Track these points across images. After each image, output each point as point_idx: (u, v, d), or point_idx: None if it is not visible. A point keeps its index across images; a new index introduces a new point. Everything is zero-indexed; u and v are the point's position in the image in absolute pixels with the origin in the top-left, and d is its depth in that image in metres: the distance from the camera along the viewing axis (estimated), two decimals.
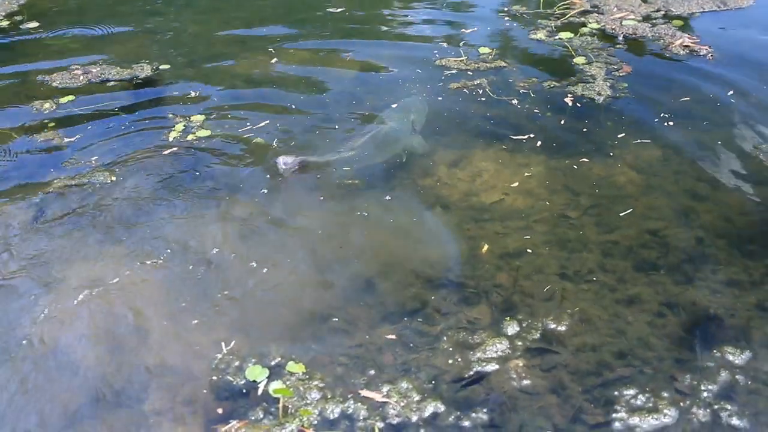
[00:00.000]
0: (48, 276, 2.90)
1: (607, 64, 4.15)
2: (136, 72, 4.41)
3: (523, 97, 3.93)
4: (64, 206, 3.29)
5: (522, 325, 2.58)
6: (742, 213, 3.07)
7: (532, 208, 3.19)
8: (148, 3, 5.56)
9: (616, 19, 4.62)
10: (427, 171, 3.44)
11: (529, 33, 4.61)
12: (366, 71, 4.34)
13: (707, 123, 3.62)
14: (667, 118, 3.67)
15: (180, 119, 3.92)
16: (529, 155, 3.51)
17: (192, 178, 3.47)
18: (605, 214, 3.11)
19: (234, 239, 3.08)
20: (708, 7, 4.71)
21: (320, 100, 4.06)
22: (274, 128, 3.81)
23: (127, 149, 3.69)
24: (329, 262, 2.93)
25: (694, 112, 3.70)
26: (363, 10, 5.25)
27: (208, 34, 4.93)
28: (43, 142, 3.77)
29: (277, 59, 4.52)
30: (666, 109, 3.74)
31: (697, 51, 4.18)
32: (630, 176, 3.33)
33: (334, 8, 5.27)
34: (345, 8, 5.27)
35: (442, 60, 4.32)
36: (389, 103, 3.94)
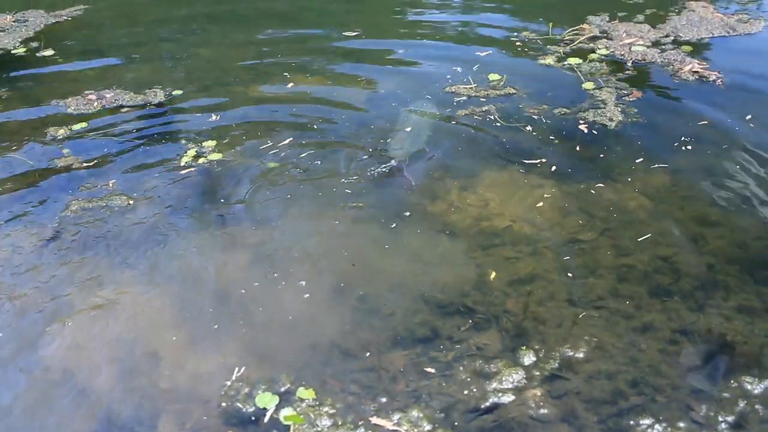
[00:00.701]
0: (59, 300, 2.92)
1: (617, 90, 4.17)
2: (149, 98, 4.47)
3: (533, 122, 3.95)
4: (78, 230, 3.32)
5: (533, 352, 2.57)
6: (754, 239, 3.05)
7: (543, 233, 3.18)
8: (162, 30, 5.64)
9: (625, 45, 4.65)
10: (438, 196, 3.44)
11: (538, 59, 4.64)
12: (378, 96, 4.37)
13: (717, 148, 3.62)
14: (677, 143, 3.68)
15: (192, 144, 3.96)
16: (540, 180, 3.51)
17: (204, 202, 3.50)
18: (617, 240, 3.10)
19: (245, 264, 3.09)
20: (717, 33, 4.73)
21: (332, 125, 4.09)
22: (286, 152, 3.84)
23: (140, 174, 3.73)
24: (340, 287, 2.93)
25: (704, 138, 3.70)
26: (376, 36, 5.30)
27: (220, 61, 4.99)
28: (59, 166, 3.81)
29: (292, 83, 4.57)
30: (676, 135, 3.74)
31: (706, 77, 4.19)
32: (641, 201, 3.32)
33: (350, 32, 5.33)
34: (360, 32, 5.32)
35: (452, 87, 4.35)
36: (399, 128, 3.97)
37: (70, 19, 5.88)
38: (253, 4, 6.07)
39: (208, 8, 6.11)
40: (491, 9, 5.59)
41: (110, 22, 5.87)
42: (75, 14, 5.97)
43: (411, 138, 3.91)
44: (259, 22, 5.65)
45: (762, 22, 4.81)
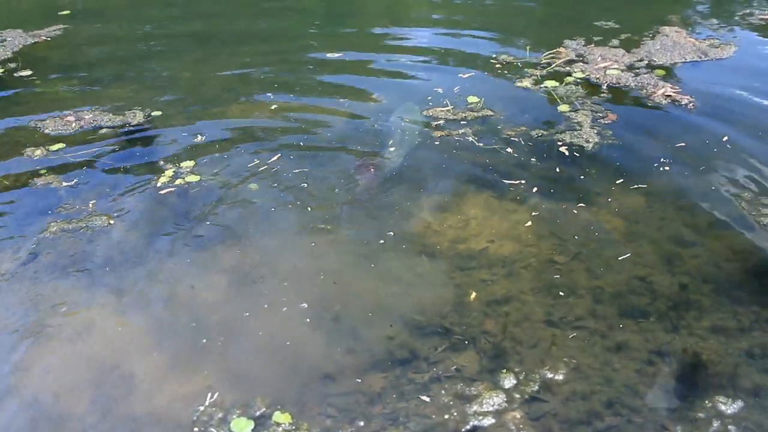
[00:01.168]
0: (33, 323, 2.88)
1: (592, 112, 4.23)
2: (128, 118, 4.46)
3: (510, 144, 3.99)
4: (54, 251, 3.28)
5: (511, 374, 2.58)
6: (727, 259, 3.10)
7: (520, 254, 3.21)
8: (141, 51, 5.64)
9: (600, 69, 4.73)
10: (416, 217, 3.46)
11: (515, 82, 4.70)
12: (357, 118, 4.40)
13: (690, 170, 3.69)
14: (652, 165, 3.74)
15: (170, 164, 3.95)
16: (517, 202, 3.55)
17: (183, 224, 3.48)
18: (593, 260, 3.13)
19: (222, 286, 3.07)
20: (690, 58, 4.83)
21: (312, 148, 4.10)
22: (265, 173, 3.84)
23: (118, 194, 3.70)
24: (318, 309, 2.93)
25: (678, 160, 3.77)
26: (358, 58, 5.33)
27: (201, 82, 5.00)
28: (37, 187, 3.78)
29: (273, 105, 4.59)
30: (651, 157, 3.80)
31: (678, 100, 4.28)
32: (616, 222, 3.37)
33: (332, 53, 5.37)
34: (342, 54, 5.36)
35: (430, 110, 4.39)
36: (378, 148, 4.00)
37: (49, 39, 5.87)
38: (233, 25, 6.10)
39: (189, 29, 6.13)
40: (471, 33, 5.66)
41: (89, 43, 5.86)
42: (54, 34, 5.96)
43: (405, 139, 4.03)
44: (240, 44, 5.67)
45: (733, 48, 4.92)
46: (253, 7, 6.63)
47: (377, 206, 3.56)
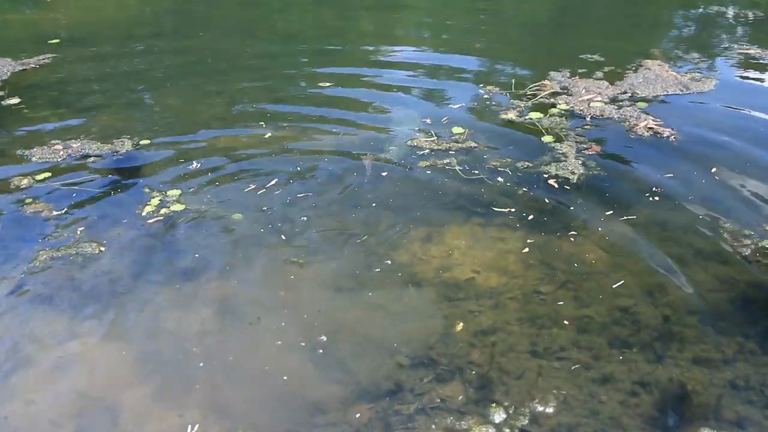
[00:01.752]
0: (17, 353, 2.86)
1: (577, 143, 4.29)
2: (116, 147, 4.47)
3: (496, 174, 4.04)
4: (39, 281, 3.27)
5: (497, 405, 2.58)
6: (709, 290, 3.14)
7: (506, 284, 3.23)
8: (130, 79, 5.67)
9: (584, 101, 4.81)
10: (403, 247, 3.48)
11: (500, 113, 4.77)
12: (344, 147, 4.44)
13: (673, 201, 3.74)
14: (635, 197, 3.79)
15: (157, 193, 3.95)
16: (502, 232, 3.58)
17: (168, 253, 3.48)
18: (577, 291, 3.16)
19: (207, 317, 3.07)
20: (672, 91, 4.92)
21: (298, 177, 4.12)
22: (251, 203, 3.86)
23: (104, 224, 3.70)
24: (304, 340, 2.93)
25: (660, 192, 3.82)
26: (347, 88, 5.39)
27: (189, 111, 5.03)
28: (24, 216, 3.77)
29: (261, 134, 4.62)
30: (634, 189, 3.86)
31: (660, 133, 4.35)
32: (600, 253, 3.40)
33: (323, 83, 5.43)
34: (333, 83, 5.42)
35: (413, 141, 4.44)
36: (363, 180, 4.04)
37: (37, 67, 5.89)
38: (221, 55, 6.15)
39: (177, 58, 6.18)
40: (458, 65, 5.75)
41: (78, 71, 5.88)
42: (43, 62, 5.99)
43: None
44: (229, 74, 5.72)
45: (713, 81, 5.03)
46: (242, 37, 6.69)
47: (364, 236, 3.58)
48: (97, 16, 7.43)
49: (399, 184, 4.00)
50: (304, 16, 7.52)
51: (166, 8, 7.75)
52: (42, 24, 7.12)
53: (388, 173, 4.11)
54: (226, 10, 7.71)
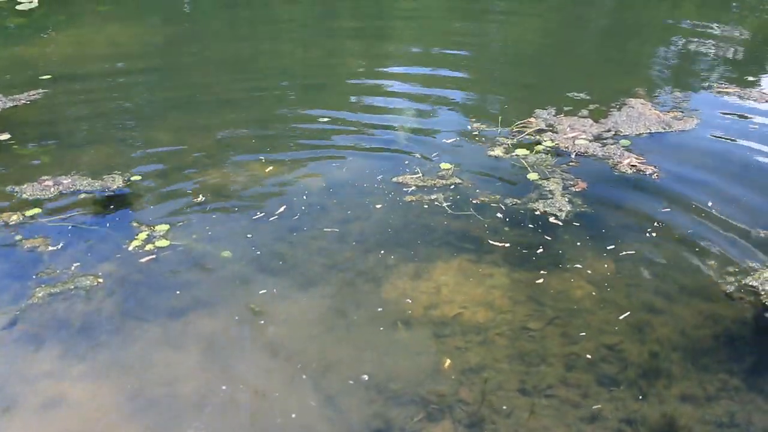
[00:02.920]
0: (3, 393, 2.84)
1: (563, 180, 4.36)
2: (107, 183, 4.49)
3: (483, 211, 4.09)
4: (26, 319, 3.26)
5: None
6: (695, 327, 3.18)
7: (494, 320, 3.26)
8: (121, 115, 5.71)
9: (569, 138, 4.90)
10: (390, 283, 3.51)
11: (487, 150, 4.84)
12: (333, 184, 4.48)
13: (657, 238, 3.81)
14: (621, 233, 3.85)
15: (146, 229, 3.97)
16: (490, 268, 3.62)
17: (157, 290, 3.49)
18: (565, 328, 3.20)
19: (196, 356, 3.07)
20: (654, 129, 5.03)
21: (288, 213, 4.15)
22: (240, 240, 3.88)
23: (93, 260, 3.71)
24: (293, 378, 2.93)
25: (645, 228, 3.89)
26: (336, 125, 5.45)
27: (179, 146, 5.06)
28: (14, 252, 3.77)
29: (252, 171, 4.66)
30: (619, 225, 3.92)
31: (643, 170, 4.44)
32: (587, 290, 3.45)
33: (314, 118, 5.49)
34: (322, 118, 5.48)
35: (399, 177, 4.49)
36: (351, 216, 4.07)
37: (28, 103, 5.92)
38: (211, 91, 6.21)
39: (168, 94, 6.23)
40: (445, 102, 5.83)
41: (70, 107, 5.92)
42: (34, 98, 6.02)
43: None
44: (218, 109, 5.77)
45: (695, 120, 5.14)
46: (232, 72, 6.77)
47: (352, 273, 3.60)
48: (89, 52, 7.49)
49: (387, 220, 4.04)
50: (294, 51, 7.63)
51: (157, 44, 7.83)
52: (33, 59, 7.17)
53: (376, 210, 4.15)
54: (216, 46, 7.80)
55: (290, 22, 8.85)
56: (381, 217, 4.09)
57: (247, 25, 8.71)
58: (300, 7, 9.59)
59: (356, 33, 8.26)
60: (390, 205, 4.20)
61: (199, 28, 8.62)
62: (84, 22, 8.85)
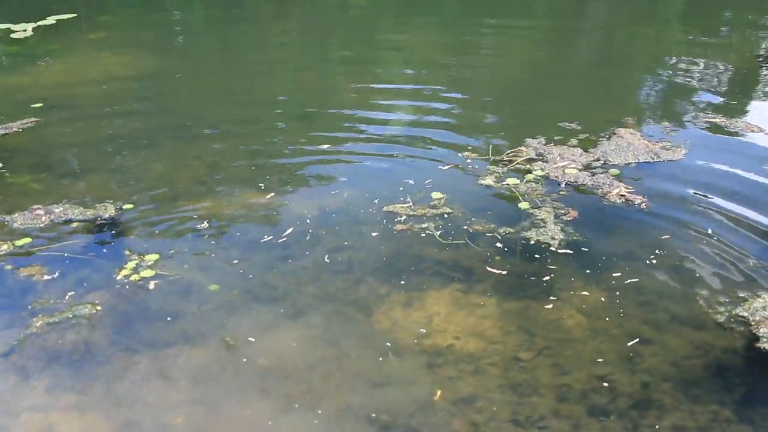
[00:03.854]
0: None
1: (554, 209, 4.39)
2: (99, 212, 4.48)
3: (474, 240, 4.11)
4: (13, 350, 3.23)
5: None
6: (686, 357, 3.19)
7: (485, 350, 3.26)
8: (113, 144, 5.73)
9: (559, 168, 4.94)
10: (382, 313, 3.51)
11: (478, 179, 4.88)
12: (324, 212, 4.49)
13: (648, 267, 3.83)
14: (611, 262, 3.87)
15: (137, 259, 3.97)
16: (481, 297, 3.63)
17: (147, 321, 3.48)
18: (556, 358, 3.20)
19: (186, 388, 3.05)
20: (643, 159, 5.08)
21: (279, 242, 4.16)
22: (229, 270, 3.88)
23: (83, 290, 3.70)
24: (283, 410, 2.91)
25: (635, 257, 3.92)
26: (326, 154, 5.49)
27: (171, 175, 5.08)
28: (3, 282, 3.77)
29: (244, 200, 4.67)
30: (610, 254, 3.94)
31: (632, 200, 4.48)
32: (578, 319, 3.45)
33: (305, 147, 5.53)
34: (313, 148, 5.52)
35: (391, 206, 4.51)
36: (343, 245, 4.08)
37: (20, 131, 5.93)
38: (203, 120, 6.24)
39: (160, 123, 6.26)
40: (435, 128, 5.88)
41: (61, 135, 5.93)
42: (26, 126, 6.03)
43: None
44: (210, 138, 5.79)
45: (683, 150, 5.20)
46: (223, 101, 6.81)
47: (343, 302, 3.60)
48: (81, 81, 7.53)
49: (379, 249, 4.05)
50: (284, 81, 7.69)
51: (149, 73, 7.88)
52: (26, 88, 7.20)
53: (368, 239, 4.16)
54: (208, 75, 7.86)
55: (283, 52, 8.93)
56: (372, 246, 4.10)
57: (239, 54, 8.78)
58: (292, 37, 9.68)
59: (348, 62, 8.35)
60: (382, 234, 4.21)
61: (191, 56, 8.69)
62: (77, 50, 8.91)
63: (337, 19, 10.41)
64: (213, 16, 11.00)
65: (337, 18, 10.49)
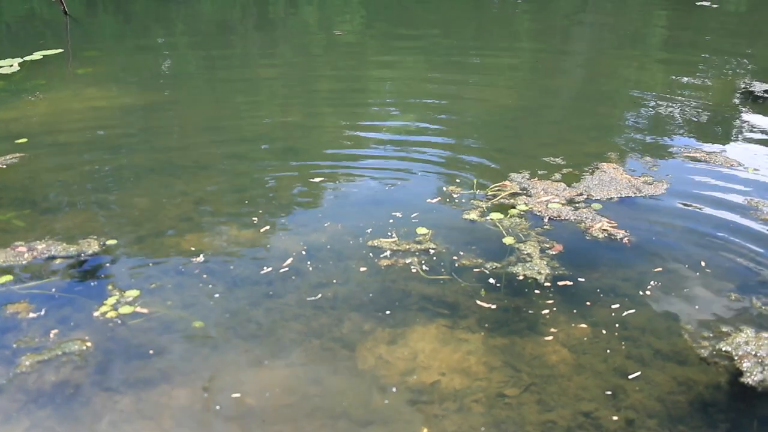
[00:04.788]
0: None
1: (539, 243, 4.42)
2: (83, 248, 4.46)
3: (459, 275, 4.12)
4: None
5: None
6: (670, 393, 3.20)
7: (470, 387, 3.25)
8: (98, 180, 5.72)
9: (542, 202, 4.98)
10: (367, 350, 3.49)
11: (462, 213, 4.91)
12: (308, 249, 4.49)
13: (632, 302, 3.85)
14: (594, 297, 3.89)
15: (119, 295, 3.94)
16: (467, 333, 3.62)
17: (128, 359, 3.44)
18: (541, 394, 3.19)
19: (168, 428, 3.01)
20: (625, 193, 5.14)
21: (265, 279, 4.15)
22: (213, 307, 3.86)
23: (64, 328, 3.65)
24: None
25: (619, 292, 3.94)
26: (312, 189, 5.51)
27: (156, 211, 5.07)
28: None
29: (228, 236, 4.66)
30: (594, 289, 3.96)
31: (614, 235, 4.52)
32: (563, 355, 3.46)
33: (291, 183, 5.54)
34: (299, 184, 5.53)
35: (376, 241, 4.52)
36: (328, 281, 4.08)
37: (4, 167, 5.91)
38: (189, 155, 6.25)
39: (145, 158, 6.25)
40: (419, 163, 5.93)
41: (45, 171, 5.91)
42: (9, 163, 6.01)
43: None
44: (196, 173, 5.80)
45: (665, 185, 5.27)
46: (210, 136, 6.83)
47: (328, 339, 3.59)
48: (67, 115, 7.54)
49: (364, 285, 4.05)
50: (272, 116, 7.73)
51: (135, 107, 7.91)
52: (11, 123, 7.19)
53: (353, 275, 4.16)
54: (194, 110, 7.89)
55: (270, 86, 9.00)
56: (358, 282, 4.09)
57: (227, 89, 8.84)
58: (279, 71, 9.77)
59: (334, 97, 8.43)
60: (367, 270, 4.21)
61: (177, 91, 8.73)
62: (63, 85, 8.93)
63: (324, 54, 10.53)
64: (200, 53, 11.10)
65: (325, 53, 10.62)
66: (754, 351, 3.43)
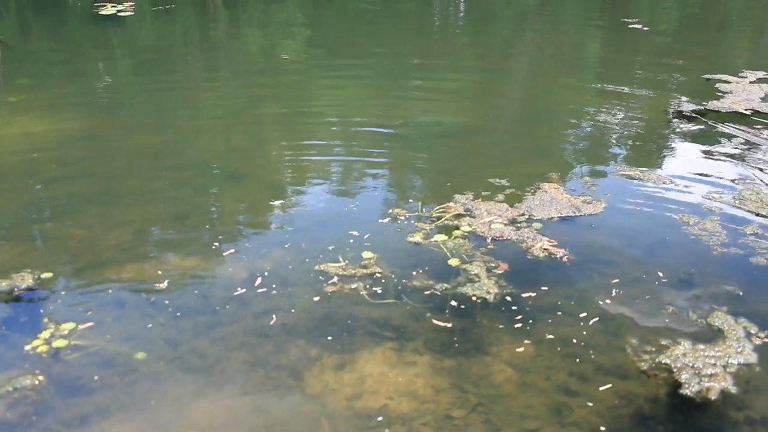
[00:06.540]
0: None
1: (485, 263, 4.47)
2: (15, 282, 4.30)
3: (405, 298, 4.14)
4: None
5: None
6: (611, 407, 3.26)
7: (418, 410, 3.25)
8: (32, 210, 5.55)
9: (485, 223, 5.06)
10: (313, 376, 3.46)
11: (407, 236, 4.94)
12: (254, 276, 4.44)
13: (573, 319, 3.93)
14: (538, 315, 3.96)
15: (54, 329, 3.82)
16: (413, 356, 3.64)
17: (64, 397, 3.33)
18: (488, 414, 3.22)
19: None
20: (565, 213, 5.27)
21: (208, 308, 4.08)
22: (156, 339, 3.77)
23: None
24: None
25: (560, 309, 4.02)
26: (257, 216, 5.46)
27: (94, 242, 4.94)
28: None
29: (168, 267, 4.57)
30: (536, 307, 4.04)
31: (554, 254, 4.62)
32: (508, 374, 3.50)
33: (234, 210, 5.48)
34: (243, 210, 5.48)
35: (321, 265, 4.51)
36: (273, 308, 4.04)
37: None
38: (129, 184, 6.13)
39: (83, 187, 6.09)
40: (366, 189, 5.95)
41: None
42: None
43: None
44: (136, 202, 5.69)
45: (603, 204, 5.42)
46: (151, 164, 6.71)
47: (273, 367, 3.54)
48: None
49: (309, 311, 4.03)
50: (214, 142, 7.65)
51: (73, 135, 7.70)
52: None
53: (299, 301, 4.13)
54: (134, 136, 7.73)
55: (213, 110, 8.91)
56: (303, 308, 4.06)
57: (168, 114, 8.70)
58: (221, 94, 9.69)
59: (280, 121, 8.39)
60: (312, 295, 4.19)
61: (117, 116, 8.55)
62: None
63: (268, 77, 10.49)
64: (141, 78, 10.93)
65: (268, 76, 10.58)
66: (692, 363, 3.53)
